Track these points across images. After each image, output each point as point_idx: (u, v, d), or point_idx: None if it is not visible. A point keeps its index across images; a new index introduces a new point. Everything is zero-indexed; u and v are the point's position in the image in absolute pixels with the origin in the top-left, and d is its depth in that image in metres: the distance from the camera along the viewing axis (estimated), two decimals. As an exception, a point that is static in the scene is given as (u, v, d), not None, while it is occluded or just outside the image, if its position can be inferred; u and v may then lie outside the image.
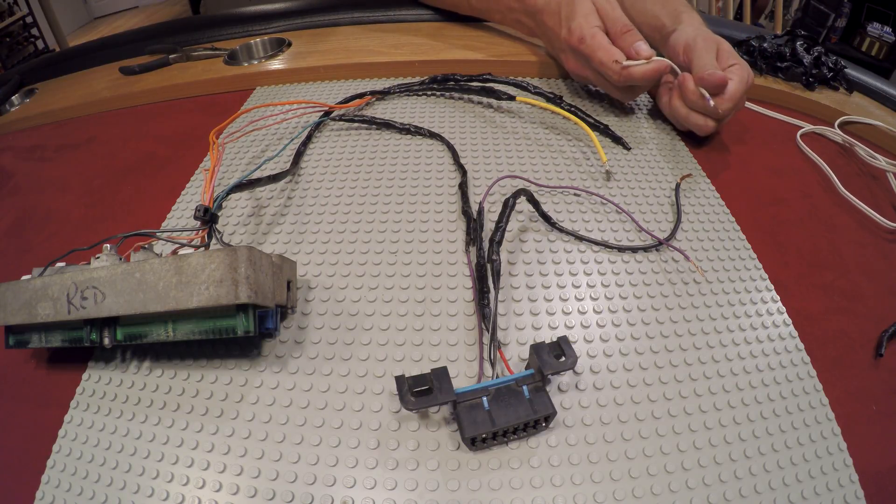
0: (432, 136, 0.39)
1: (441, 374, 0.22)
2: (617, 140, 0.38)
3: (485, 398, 0.21)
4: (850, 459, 0.22)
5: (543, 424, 0.21)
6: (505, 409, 0.21)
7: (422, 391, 0.21)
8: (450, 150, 0.37)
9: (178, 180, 0.37)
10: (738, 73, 0.37)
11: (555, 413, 0.21)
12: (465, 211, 0.31)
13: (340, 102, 0.43)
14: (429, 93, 0.45)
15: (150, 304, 0.21)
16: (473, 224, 0.30)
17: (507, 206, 0.28)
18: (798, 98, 0.45)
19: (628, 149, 0.38)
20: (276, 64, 0.50)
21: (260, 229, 0.32)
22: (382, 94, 0.44)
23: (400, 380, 0.21)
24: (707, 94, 0.36)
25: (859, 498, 0.21)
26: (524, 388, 0.21)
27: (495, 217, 0.28)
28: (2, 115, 0.51)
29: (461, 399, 0.21)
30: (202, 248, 0.26)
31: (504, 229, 0.27)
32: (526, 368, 0.23)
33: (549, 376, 0.22)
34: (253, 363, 0.25)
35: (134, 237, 0.26)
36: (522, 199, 0.29)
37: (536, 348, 0.22)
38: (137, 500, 0.21)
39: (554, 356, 0.22)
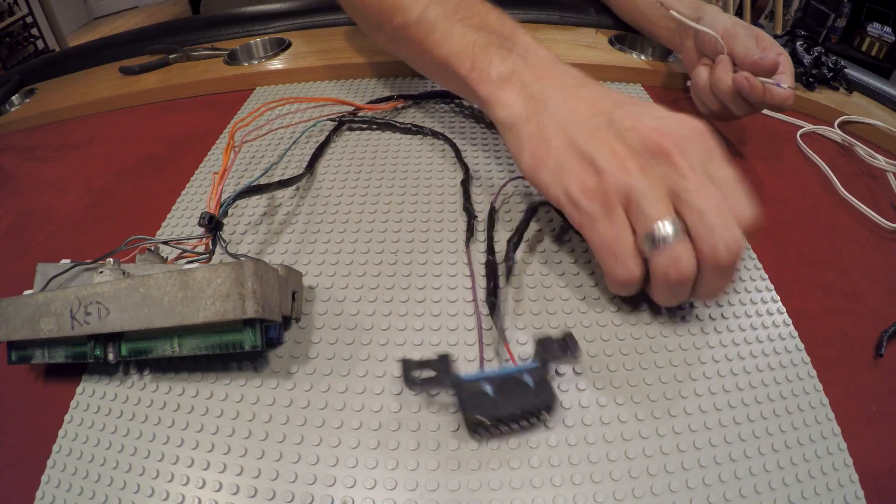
0: (434, 134, 0.39)
1: (445, 360, 0.22)
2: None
3: (489, 386, 0.21)
4: (850, 459, 0.22)
5: (546, 415, 0.22)
6: (509, 397, 0.21)
7: (429, 380, 0.22)
8: (452, 149, 0.37)
9: (177, 180, 0.37)
10: (785, 63, 0.35)
11: (559, 402, 0.21)
12: (466, 208, 0.31)
13: (370, 102, 0.42)
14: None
15: (156, 319, 0.21)
16: (473, 221, 0.30)
17: (531, 213, 0.29)
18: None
19: None
20: (276, 64, 0.50)
21: (263, 234, 0.32)
22: (412, 99, 0.43)
23: (406, 362, 0.22)
24: (783, 84, 0.34)
25: (859, 498, 0.21)
26: (528, 377, 0.22)
27: (506, 216, 0.28)
28: (2, 115, 0.51)
29: (465, 385, 0.21)
30: (206, 256, 0.26)
31: (523, 232, 0.28)
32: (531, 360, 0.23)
33: (553, 367, 0.23)
34: (253, 362, 0.25)
35: (137, 246, 0.26)
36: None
37: (542, 341, 0.23)
38: (137, 499, 0.21)
39: (559, 349, 0.22)
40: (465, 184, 0.33)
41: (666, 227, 0.22)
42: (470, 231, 0.30)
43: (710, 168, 0.23)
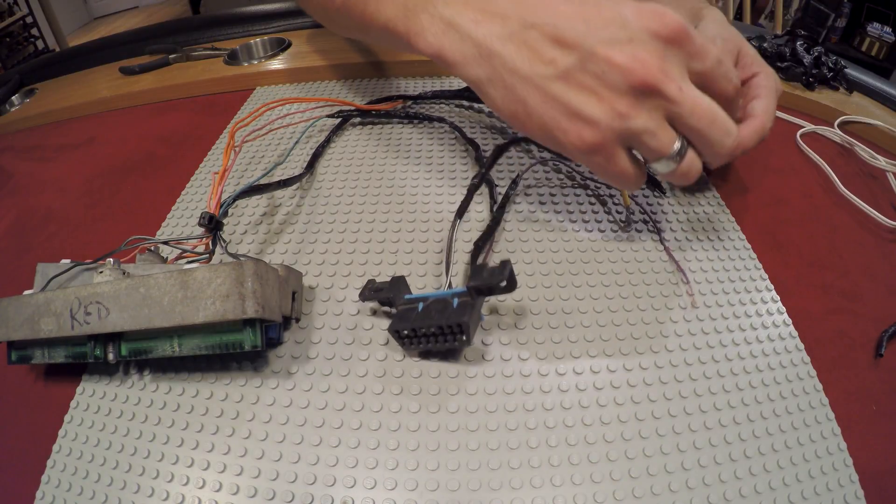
0: (431, 119, 0.40)
1: (398, 282, 0.25)
2: (654, 185, 0.34)
3: (421, 304, 0.23)
4: (850, 459, 0.22)
5: (461, 336, 0.22)
6: (431, 314, 0.23)
7: (378, 291, 0.25)
8: (455, 131, 0.38)
9: (177, 180, 0.37)
10: (763, 84, 0.31)
11: (467, 323, 0.22)
12: (487, 179, 0.33)
13: (370, 103, 0.42)
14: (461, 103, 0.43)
15: (156, 319, 0.21)
16: (494, 190, 0.32)
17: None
18: (798, 98, 0.45)
19: (664, 194, 0.34)
20: (276, 64, 0.50)
21: (263, 234, 0.32)
22: (412, 99, 0.43)
23: (368, 281, 0.26)
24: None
25: (859, 498, 0.21)
26: (455, 300, 0.23)
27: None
28: (2, 115, 0.51)
29: (402, 302, 0.24)
30: (206, 256, 0.26)
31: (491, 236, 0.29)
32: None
33: (481, 294, 0.23)
34: (253, 362, 0.25)
35: (137, 246, 0.26)
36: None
37: (475, 268, 0.24)
38: (137, 499, 0.21)
39: (490, 276, 0.22)
40: (480, 160, 0.34)
41: (673, 152, 0.23)
42: (492, 198, 0.32)
43: (692, 66, 0.23)
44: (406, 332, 0.23)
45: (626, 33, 0.22)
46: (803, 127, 0.42)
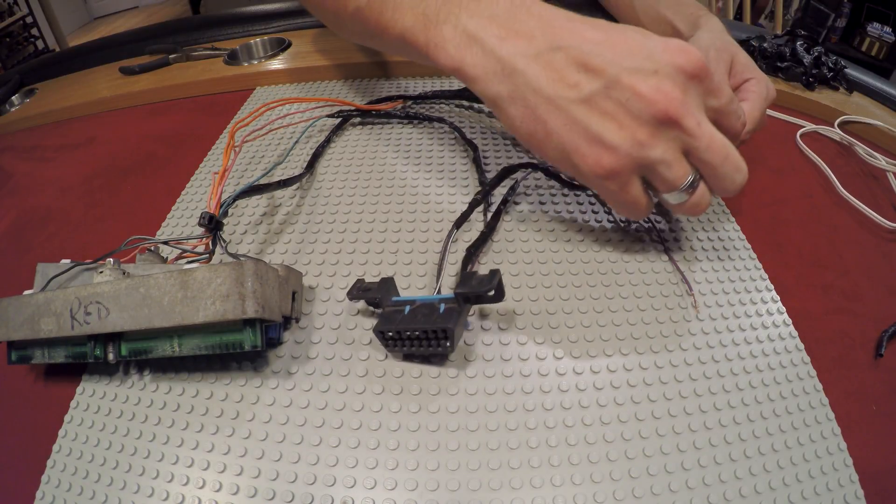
0: (432, 119, 0.40)
1: (387, 283, 0.25)
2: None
3: (408, 307, 0.23)
4: (850, 459, 0.22)
5: (445, 343, 0.22)
6: (417, 317, 0.23)
7: (366, 291, 0.25)
8: (455, 132, 0.38)
9: (178, 180, 0.37)
10: (753, 89, 0.33)
11: (452, 329, 0.22)
12: (482, 181, 0.33)
13: (370, 103, 0.42)
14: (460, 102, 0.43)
15: (156, 319, 0.21)
16: (488, 194, 0.32)
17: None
18: (798, 98, 0.45)
19: None
20: (276, 64, 0.50)
21: (263, 234, 0.32)
22: (412, 99, 0.43)
23: (357, 280, 0.26)
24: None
25: (859, 498, 0.21)
26: (442, 305, 0.23)
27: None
28: (2, 115, 0.51)
29: (389, 304, 0.24)
30: (206, 256, 0.26)
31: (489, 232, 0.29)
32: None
33: (469, 301, 0.23)
34: (253, 362, 0.25)
35: (137, 246, 0.26)
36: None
37: (465, 275, 0.24)
38: (137, 499, 0.21)
39: (479, 285, 0.23)
40: (477, 161, 0.35)
41: (685, 185, 0.24)
42: (486, 200, 0.32)
43: (709, 102, 0.24)
44: (391, 333, 0.23)
45: (652, 65, 0.23)
46: (803, 127, 0.42)
